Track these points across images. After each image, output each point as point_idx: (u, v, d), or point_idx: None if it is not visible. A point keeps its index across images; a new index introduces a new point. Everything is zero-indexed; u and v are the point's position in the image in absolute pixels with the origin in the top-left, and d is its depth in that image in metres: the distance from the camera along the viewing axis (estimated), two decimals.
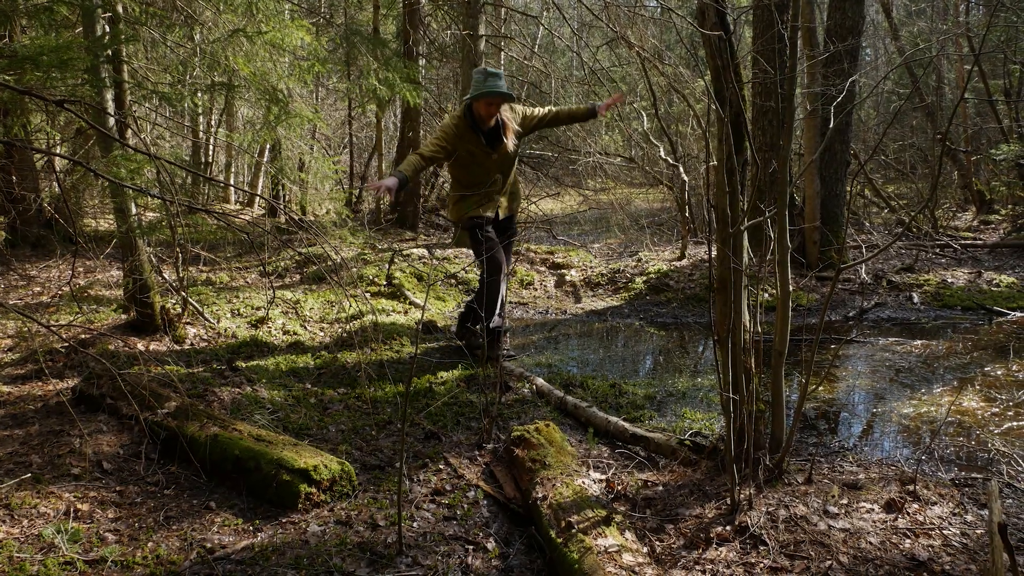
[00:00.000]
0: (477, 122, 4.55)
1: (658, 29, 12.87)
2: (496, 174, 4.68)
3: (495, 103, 4.51)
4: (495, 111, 4.55)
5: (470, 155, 4.58)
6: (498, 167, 4.68)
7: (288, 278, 7.48)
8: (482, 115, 4.52)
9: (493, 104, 4.50)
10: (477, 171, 4.65)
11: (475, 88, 4.48)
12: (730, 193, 2.67)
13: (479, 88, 4.45)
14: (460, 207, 4.74)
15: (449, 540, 2.60)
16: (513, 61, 14.01)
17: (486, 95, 4.43)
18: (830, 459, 3.20)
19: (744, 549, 2.38)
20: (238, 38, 4.76)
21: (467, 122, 4.53)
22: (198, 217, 5.97)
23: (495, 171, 4.67)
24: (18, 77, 3.21)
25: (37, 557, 2.41)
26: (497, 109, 4.56)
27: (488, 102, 4.48)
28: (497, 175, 4.69)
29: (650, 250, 9.46)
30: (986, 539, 2.37)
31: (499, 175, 4.70)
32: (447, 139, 4.52)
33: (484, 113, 4.52)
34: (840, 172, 7.86)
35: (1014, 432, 3.58)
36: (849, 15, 7.67)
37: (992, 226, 10.55)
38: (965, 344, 5.34)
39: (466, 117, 4.54)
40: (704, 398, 4.20)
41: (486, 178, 4.66)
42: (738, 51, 3.48)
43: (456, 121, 4.56)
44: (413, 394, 4.11)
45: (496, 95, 4.44)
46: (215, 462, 3.05)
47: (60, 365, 4.36)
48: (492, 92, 4.42)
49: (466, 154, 4.58)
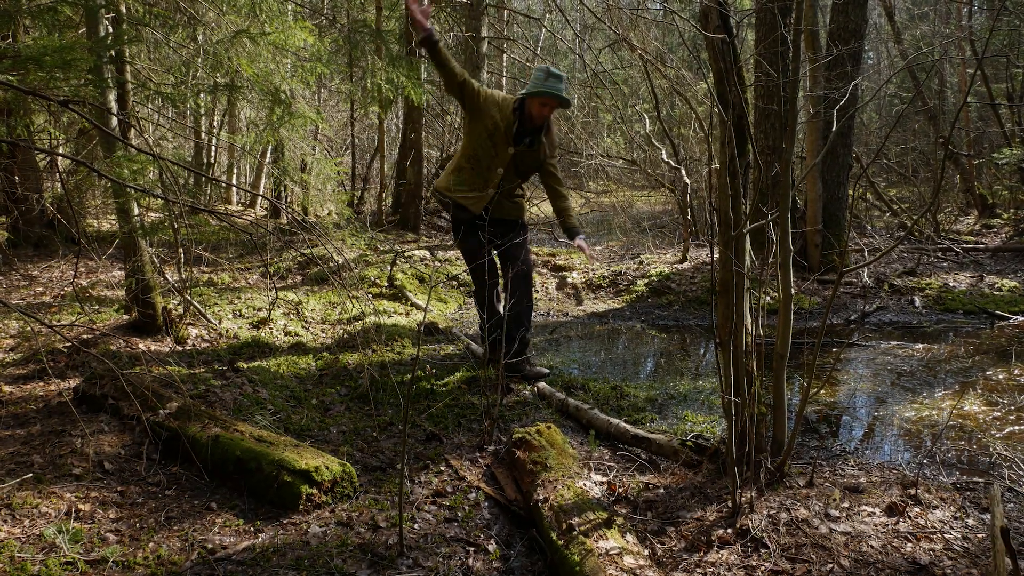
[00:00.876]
0: (523, 118, 4.23)
1: (660, 32, 12.88)
2: (500, 168, 4.32)
3: (549, 105, 4.20)
4: (547, 114, 4.25)
5: (489, 132, 4.22)
6: (508, 163, 4.32)
7: (290, 279, 7.49)
8: (532, 114, 4.20)
9: (547, 106, 4.20)
10: (485, 151, 4.28)
11: (533, 85, 4.17)
12: (732, 196, 2.67)
13: (537, 86, 4.14)
14: (449, 178, 4.44)
15: (450, 542, 2.60)
16: (515, 63, 14.03)
17: (542, 94, 4.12)
18: (831, 462, 3.19)
19: (745, 552, 2.37)
20: (241, 39, 4.77)
21: (514, 107, 4.22)
22: (201, 217, 5.98)
23: (502, 164, 4.31)
24: (21, 77, 3.21)
25: (38, 557, 2.41)
26: (550, 112, 4.26)
27: (542, 102, 4.17)
28: (500, 169, 4.32)
29: (652, 253, 9.46)
30: (988, 543, 2.37)
31: (502, 171, 4.34)
32: (483, 94, 4.20)
33: (535, 112, 4.20)
34: (842, 175, 7.85)
35: (1016, 436, 3.57)
36: (852, 18, 7.67)
37: (994, 230, 10.54)
38: (967, 348, 5.34)
39: (516, 107, 4.23)
40: (705, 401, 4.20)
41: (490, 164, 4.31)
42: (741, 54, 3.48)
43: (505, 98, 4.26)
44: (414, 396, 4.11)
45: (553, 97, 4.13)
46: (216, 463, 3.05)
47: (62, 365, 4.36)
48: (550, 93, 4.12)
49: (488, 127, 4.22)
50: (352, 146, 13.49)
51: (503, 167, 4.33)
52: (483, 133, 4.25)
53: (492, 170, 4.33)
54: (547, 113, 4.24)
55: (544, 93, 4.11)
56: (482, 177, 4.35)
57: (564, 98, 4.16)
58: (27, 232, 7.49)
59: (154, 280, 4.88)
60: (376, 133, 12.66)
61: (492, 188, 4.37)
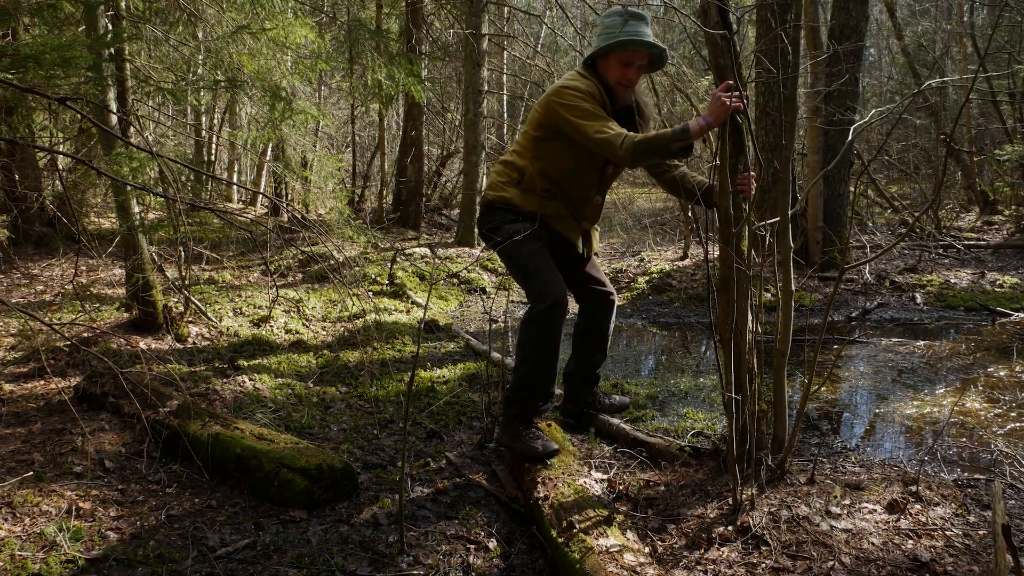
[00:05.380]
0: (610, 94, 2.90)
1: (661, 28, 12.85)
2: (598, 194, 3.10)
3: (638, 60, 2.84)
4: (638, 79, 2.92)
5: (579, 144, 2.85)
6: (607, 182, 3.12)
7: (291, 277, 7.48)
8: (618, 80, 2.87)
9: (634, 65, 2.84)
10: (577, 169, 2.96)
11: (607, 36, 2.82)
12: (733, 193, 2.66)
13: (614, 35, 2.80)
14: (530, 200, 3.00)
15: (451, 539, 2.60)
16: (516, 60, 14.00)
17: (628, 44, 2.79)
18: (832, 459, 3.19)
19: (746, 549, 2.37)
20: (242, 35, 4.77)
21: (598, 89, 2.86)
22: (201, 215, 5.98)
23: (601, 186, 3.08)
24: (21, 75, 3.21)
25: (39, 555, 2.41)
26: (640, 77, 2.95)
27: (627, 59, 2.82)
28: (600, 198, 3.12)
29: (653, 250, 9.45)
30: (989, 540, 2.36)
31: (600, 196, 3.11)
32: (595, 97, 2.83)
33: (620, 78, 2.86)
34: (843, 172, 7.84)
35: (1017, 433, 3.57)
36: (853, 15, 7.65)
37: (995, 227, 10.52)
38: (968, 345, 5.33)
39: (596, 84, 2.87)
40: (706, 398, 4.20)
41: (585, 185, 3.02)
42: (741, 50, 3.46)
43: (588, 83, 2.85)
44: (415, 394, 4.11)
45: (645, 45, 2.80)
46: (217, 461, 3.05)
47: (62, 363, 4.37)
48: (640, 41, 2.79)
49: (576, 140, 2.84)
50: (353, 143, 13.49)
51: (600, 183, 3.08)
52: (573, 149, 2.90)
53: (588, 201, 3.08)
54: (636, 78, 2.92)
55: (630, 42, 2.79)
56: (575, 209, 3.07)
57: (659, 47, 2.84)
58: (27, 230, 7.49)
59: (154, 278, 4.88)
60: (377, 130, 12.65)
61: (588, 222, 3.17)
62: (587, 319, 3.41)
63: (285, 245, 7.87)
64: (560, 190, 2.98)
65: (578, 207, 3.04)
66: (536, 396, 2.99)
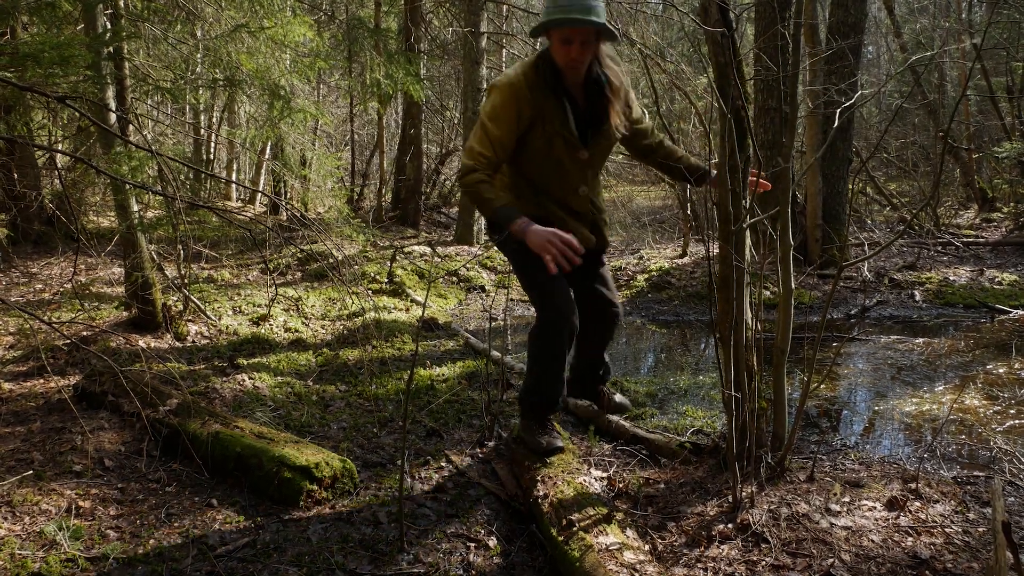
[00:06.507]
0: (557, 77, 2.66)
1: (660, 26, 12.84)
2: (581, 184, 2.84)
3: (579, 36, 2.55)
4: (586, 56, 2.61)
5: (545, 139, 2.69)
6: (586, 169, 2.84)
7: (290, 275, 7.48)
8: (563, 60, 2.61)
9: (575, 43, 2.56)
10: (548, 166, 2.77)
11: (547, 11, 2.56)
12: (732, 190, 2.66)
13: (551, 11, 2.53)
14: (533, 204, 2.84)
15: (451, 537, 2.60)
16: (515, 59, 13.98)
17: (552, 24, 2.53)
18: (832, 457, 3.19)
19: (746, 547, 2.37)
20: (240, 34, 4.76)
21: (540, 78, 2.63)
22: (200, 214, 5.97)
23: (581, 174, 2.83)
24: (20, 74, 3.20)
25: (39, 554, 2.41)
26: (590, 53, 2.62)
27: (565, 37, 2.56)
28: (584, 188, 2.85)
29: (652, 248, 9.46)
30: (989, 537, 2.37)
31: (583, 185, 2.85)
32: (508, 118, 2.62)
33: (564, 58, 2.60)
34: (842, 170, 7.85)
35: (1016, 430, 3.57)
36: (851, 12, 7.66)
37: (994, 224, 10.53)
38: (967, 342, 5.34)
39: (539, 70, 2.64)
40: (706, 396, 4.20)
41: (564, 179, 2.81)
42: (741, 48, 3.46)
43: (519, 79, 2.62)
44: (415, 392, 4.11)
45: (581, 22, 2.50)
46: (217, 459, 3.05)
47: (62, 362, 4.36)
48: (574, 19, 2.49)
49: (538, 135, 2.68)
50: (351, 142, 13.48)
51: (583, 177, 2.85)
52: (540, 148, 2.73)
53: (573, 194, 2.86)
54: (585, 57, 2.62)
55: (565, 20, 2.51)
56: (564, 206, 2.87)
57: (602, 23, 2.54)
58: (26, 229, 7.49)
59: (154, 277, 4.88)
60: (375, 129, 12.64)
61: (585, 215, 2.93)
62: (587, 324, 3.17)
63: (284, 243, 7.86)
64: (543, 189, 2.83)
65: (566, 203, 2.87)
66: (544, 400, 3.01)
